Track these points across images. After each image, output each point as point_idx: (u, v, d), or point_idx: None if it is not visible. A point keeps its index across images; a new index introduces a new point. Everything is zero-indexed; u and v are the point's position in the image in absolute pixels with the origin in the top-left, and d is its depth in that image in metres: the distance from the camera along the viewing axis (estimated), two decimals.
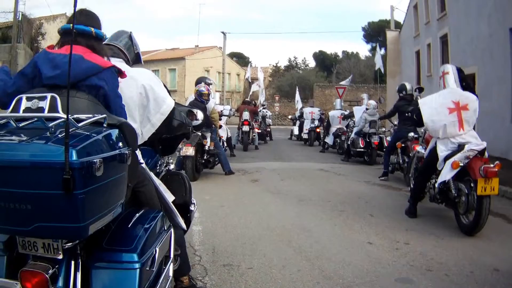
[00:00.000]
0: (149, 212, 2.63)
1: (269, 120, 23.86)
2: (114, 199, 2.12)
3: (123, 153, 2.16)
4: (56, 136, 1.90)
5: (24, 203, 1.82)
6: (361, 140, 12.62)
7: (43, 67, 2.39)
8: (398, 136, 9.80)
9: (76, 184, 1.78)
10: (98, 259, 2.14)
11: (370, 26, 53.10)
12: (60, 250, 2.01)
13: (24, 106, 2.15)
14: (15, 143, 1.91)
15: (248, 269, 4.20)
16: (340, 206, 6.90)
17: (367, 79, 45.86)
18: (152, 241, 2.40)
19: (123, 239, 2.26)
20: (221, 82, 42.45)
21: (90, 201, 1.86)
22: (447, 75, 5.92)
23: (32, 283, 1.93)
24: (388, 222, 5.95)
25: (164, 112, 3.09)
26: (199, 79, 9.93)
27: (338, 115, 16.85)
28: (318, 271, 4.16)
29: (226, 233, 5.29)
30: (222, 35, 40.00)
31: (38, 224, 1.85)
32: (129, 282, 2.12)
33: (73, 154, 1.78)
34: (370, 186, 9.05)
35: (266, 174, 10.42)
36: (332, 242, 5.05)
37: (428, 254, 4.66)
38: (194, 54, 50.70)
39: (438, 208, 6.36)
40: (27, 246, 2.04)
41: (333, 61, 55.35)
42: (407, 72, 25.09)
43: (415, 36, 23.83)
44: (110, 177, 2.01)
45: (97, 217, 1.95)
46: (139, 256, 2.17)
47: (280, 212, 6.51)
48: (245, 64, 41.69)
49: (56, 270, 2.01)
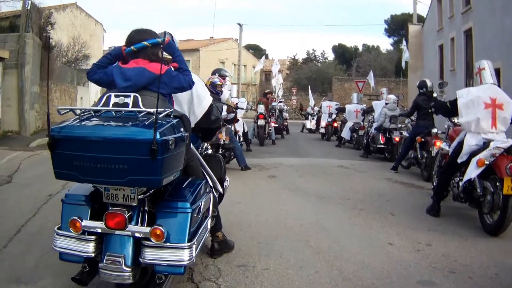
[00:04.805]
0: (196, 179, 3.64)
1: (286, 114, 23.81)
2: (177, 165, 3.13)
3: (184, 135, 3.19)
4: (143, 122, 2.92)
5: (122, 164, 2.82)
6: (381, 136, 12.46)
7: (117, 79, 3.34)
8: (416, 131, 9.73)
9: (158, 152, 2.77)
10: (162, 206, 3.16)
11: (392, 19, 52.74)
12: (135, 199, 3.06)
13: (113, 101, 3.16)
14: (118, 125, 2.93)
15: (264, 270, 4.10)
16: (360, 204, 6.76)
17: (387, 72, 45.59)
18: (198, 197, 3.40)
19: (179, 193, 3.29)
20: (236, 74, 42.45)
21: (165, 164, 2.87)
22: (484, 71, 5.86)
23: (114, 221, 2.96)
24: (409, 221, 5.81)
25: (204, 106, 4.11)
26: (215, 71, 9.79)
27: (354, 109, 16.69)
28: (336, 273, 4.05)
29: (241, 231, 5.16)
30: (238, 26, 39.99)
31: (130, 177, 2.84)
32: (183, 221, 3.11)
33: (157, 134, 2.76)
34: (391, 183, 8.90)
35: (283, 170, 10.28)
36: (352, 242, 4.92)
37: (451, 256, 4.52)
38: (209, 45, 50.79)
39: (462, 207, 6.21)
40: (110, 197, 3.08)
41: (353, 54, 55.03)
42: (429, 66, 24.83)
43: (438, 30, 23.55)
44: (176, 150, 3.03)
45: (168, 174, 2.96)
46: (190, 205, 3.17)
47: (298, 210, 6.37)
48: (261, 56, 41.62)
49: (131, 214, 3.05)
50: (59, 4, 33.14)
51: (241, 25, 40.05)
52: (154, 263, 3.02)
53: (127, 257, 2.99)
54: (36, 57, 17.63)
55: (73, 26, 33.89)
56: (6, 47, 16.19)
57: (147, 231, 2.99)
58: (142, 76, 3.30)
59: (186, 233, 3.08)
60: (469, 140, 5.68)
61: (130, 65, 3.38)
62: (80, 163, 2.90)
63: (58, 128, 2.97)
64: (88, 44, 35.04)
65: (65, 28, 31.46)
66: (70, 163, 2.93)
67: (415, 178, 9.45)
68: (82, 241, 3.05)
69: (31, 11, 16.90)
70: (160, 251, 3.00)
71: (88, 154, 2.87)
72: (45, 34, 20.13)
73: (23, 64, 16.50)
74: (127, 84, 3.29)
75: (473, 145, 5.63)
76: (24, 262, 4.19)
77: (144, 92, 3.26)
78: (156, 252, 3.00)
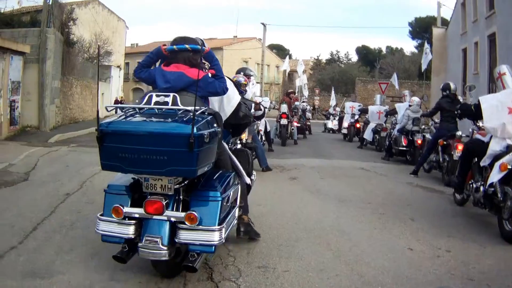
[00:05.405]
0: (226, 171, 4.08)
1: (309, 114, 23.79)
2: (210, 157, 3.60)
3: (217, 130, 3.67)
4: (182, 119, 3.36)
5: (162, 155, 3.24)
6: (404, 138, 12.37)
7: (159, 80, 3.89)
8: (439, 133, 9.67)
9: (195, 145, 3.19)
10: (195, 195, 3.62)
11: (417, 22, 52.28)
12: (172, 189, 3.51)
13: (154, 100, 3.63)
14: (160, 121, 3.40)
15: (284, 271, 4.13)
16: (380, 208, 6.78)
17: (411, 75, 45.27)
18: (228, 188, 3.84)
19: (211, 184, 3.73)
20: (259, 74, 42.51)
21: (200, 156, 3.30)
22: (504, 76, 5.87)
23: (153, 208, 3.43)
24: (429, 227, 5.81)
25: (234, 105, 4.55)
26: (240, 70, 9.82)
27: (377, 110, 16.61)
28: (357, 277, 4.08)
29: (261, 233, 5.15)
30: (262, 26, 40.07)
31: (169, 168, 3.27)
32: (214, 208, 3.54)
33: (195, 129, 3.18)
34: (412, 188, 8.88)
35: (305, 171, 10.30)
36: (372, 246, 4.96)
37: (470, 263, 4.53)
38: (233, 44, 50.82)
39: (482, 213, 6.22)
40: (149, 187, 3.53)
41: (377, 56, 54.82)
42: (452, 70, 24.64)
43: (462, 34, 23.36)
44: (210, 144, 3.48)
45: (202, 166, 3.41)
46: (221, 194, 3.61)
47: (319, 213, 6.40)
48: (285, 56, 41.72)
49: (168, 201, 3.51)
50: (81, 0, 33.27)
51: (265, 25, 40.12)
52: (188, 243, 3.47)
53: (164, 238, 3.43)
54: (57, 52, 17.68)
55: (95, 23, 34.02)
56: (27, 41, 16.24)
57: (182, 216, 3.43)
58: (180, 80, 3.82)
59: (217, 218, 3.50)
60: (494, 145, 5.67)
61: (171, 69, 3.91)
62: (125, 155, 3.31)
63: (106, 123, 3.39)
64: (110, 40, 35.15)
65: (87, 24, 31.62)
66: (116, 155, 3.35)
67: (436, 182, 9.41)
68: (123, 225, 3.51)
69: (53, 6, 16.95)
70: (194, 233, 3.43)
71: (133, 146, 3.29)
72: (66, 30, 20.16)
73: (44, 59, 16.56)
74: (166, 86, 3.81)
75: (497, 150, 5.63)
76: (40, 258, 4.26)
77: (182, 93, 3.73)
78: (190, 234, 3.43)
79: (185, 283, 3.80)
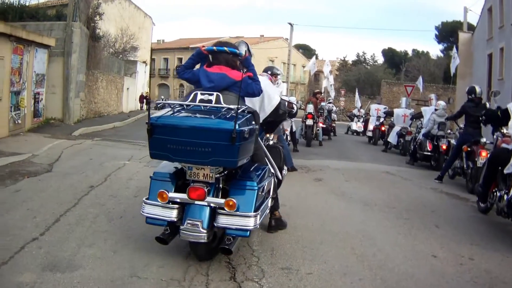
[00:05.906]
0: (261, 165, 4.50)
1: (334, 115, 23.72)
2: (248, 151, 4.00)
3: (255, 127, 4.06)
4: (225, 115, 3.75)
5: (207, 147, 3.65)
6: (429, 143, 12.27)
7: (203, 80, 4.22)
8: (464, 139, 9.58)
9: (236, 140, 3.58)
10: (234, 184, 4.03)
11: (443, 26, 51.85)
12: (213, 178, 3.91)
13: (199, 98, 4.04)
14: (204, 117, 3.78)
15: (308, 274, 4.15)
16: (405, 213, 6.78)
17: (436, 78, 44.89)
18: (263, 179, 4.23)
19: (248, 175, 4.13)
20: (286, 73, 42.54)
21: (240, 149, 3.70)
22: None
23: (196, 194, 3.82)
24: (453, 234, 5.82)
25: (274, 104, 5.04)
26: (267, 69, 9.81)
27: (403, 113, 16.51)
28: (380, 282, 4.11)
29: (286, 234, 5.23)
30: (289, 26, 40.06)
31: (213, 158, 3.69)
32: (250, 197, 3.93)
33: (236, 125, 3.57)
34: (437, 194, 8.86)
35: (330, 173, 10.33)
36: (396, 252, 4.98)
37: (493, 272, 4.54)
38: (259, 43, 50.89)
39: (505, 222, 6.21)
40: (192, 175, 3.93)
41: (403, 59, 54.48)
42: (478, 75, 24.47)
43: (488, 39, 23.17)
44: (249, 139, 3.86)
45: (242, 158, 3.82)
46: (257, 184, 4.00)
47: (344, 216, 6.43)
48: (311, 56, 41.69)
49: (209, 189, 3.90)
50: None
51: (292, 25, 40.08)
52: (226, 227, 3.85)
53: (204, 222, 3.81)
54: (83, 46, 17.82)
55: (122, 18, 34.30)
56: (52, 35, 16.35)
57: (222, 202, 3.82)
58: (223, 81, 4.20)
59: (253, 205, 3.89)
60: None
61: (214, 70, 4.28)
62: (173, 146, 3.73)
63: (155, 117, 3.80)
64: (136, 36, 35.47)
65: (113, 20, 31.87)
66: (164, 146, 3.76)
67: (461, 189, 9.36)
68: (167, 209, 3.90)
69: (79, 0, 17.06)
70: (231, 218, 3.82)
71: (180, 139, 3.70)
72: (92, 24, 20.25)
73: (69, 53, 16.70)
74: (210, 85, 4.17)
75: None
76: (61, 251, 4.26)
77: (224, 92, 4.12)
78: (228, 219, 3.82)
79: (208, 282, 3.82)
